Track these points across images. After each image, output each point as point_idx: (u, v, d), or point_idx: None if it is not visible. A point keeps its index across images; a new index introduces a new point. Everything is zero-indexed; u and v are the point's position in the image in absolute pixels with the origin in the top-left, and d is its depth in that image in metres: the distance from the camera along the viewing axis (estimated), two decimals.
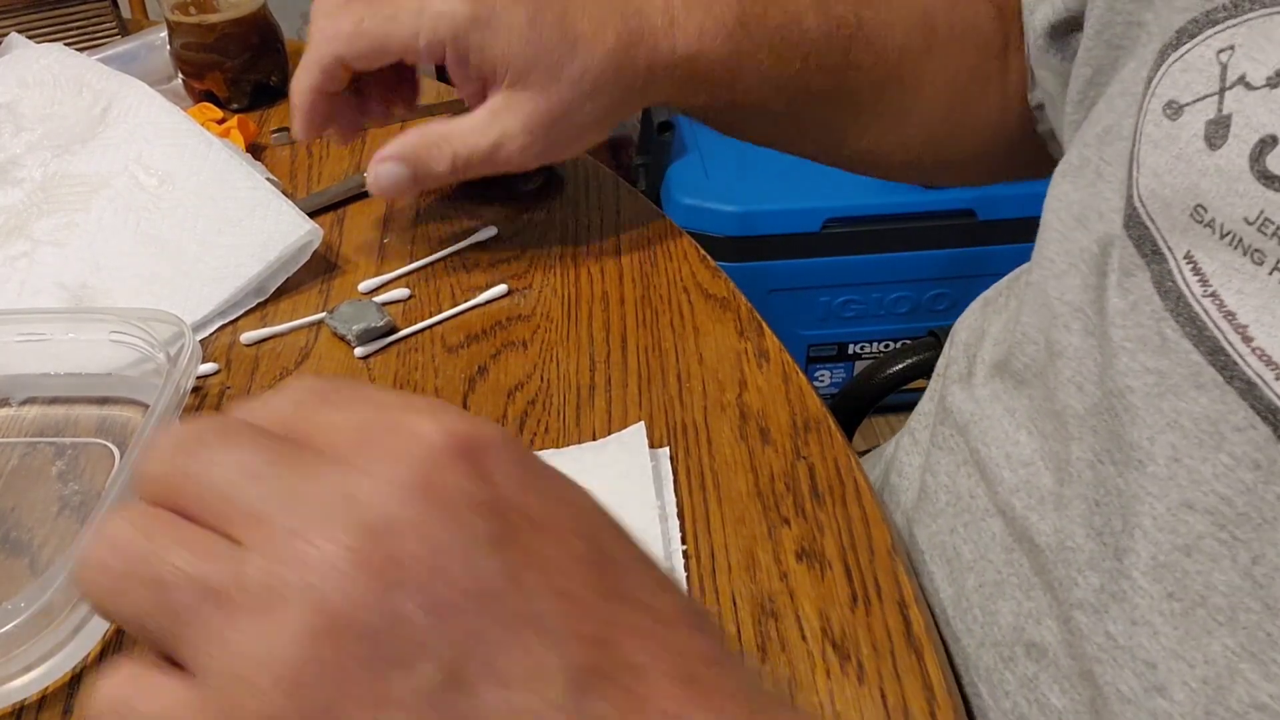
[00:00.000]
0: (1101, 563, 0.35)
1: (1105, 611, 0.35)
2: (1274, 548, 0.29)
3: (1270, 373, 0.29)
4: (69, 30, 0.73)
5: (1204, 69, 0.33)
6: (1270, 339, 0.29)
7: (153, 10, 1.04)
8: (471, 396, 0.46)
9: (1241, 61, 0.32)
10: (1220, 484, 0.31)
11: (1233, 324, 0.30)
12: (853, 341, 1.41)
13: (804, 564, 0.38)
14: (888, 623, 0.36)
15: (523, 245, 0.55)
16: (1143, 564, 0.33)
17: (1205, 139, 0.32)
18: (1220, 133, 0.31)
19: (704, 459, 0.42)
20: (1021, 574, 0.38)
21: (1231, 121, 0.31)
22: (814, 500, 0.41)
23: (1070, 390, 0.37)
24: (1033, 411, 0.39)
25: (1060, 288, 0.38)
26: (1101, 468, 0.35)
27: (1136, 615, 0.33)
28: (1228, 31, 0.33)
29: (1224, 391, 0.31)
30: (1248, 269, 0.30)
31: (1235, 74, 0.32)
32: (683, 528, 0.39)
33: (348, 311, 0.49)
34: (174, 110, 0.59)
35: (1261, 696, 0.29)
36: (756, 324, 0.49)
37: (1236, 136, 0.31)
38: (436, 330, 0.50)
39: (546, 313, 0.51)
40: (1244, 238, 0.30)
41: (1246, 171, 0.30)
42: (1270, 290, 0.30)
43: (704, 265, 0.53)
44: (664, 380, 0.46)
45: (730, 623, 0.36)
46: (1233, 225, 0.31)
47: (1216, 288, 0.31)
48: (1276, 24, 0.31)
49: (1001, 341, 0.44)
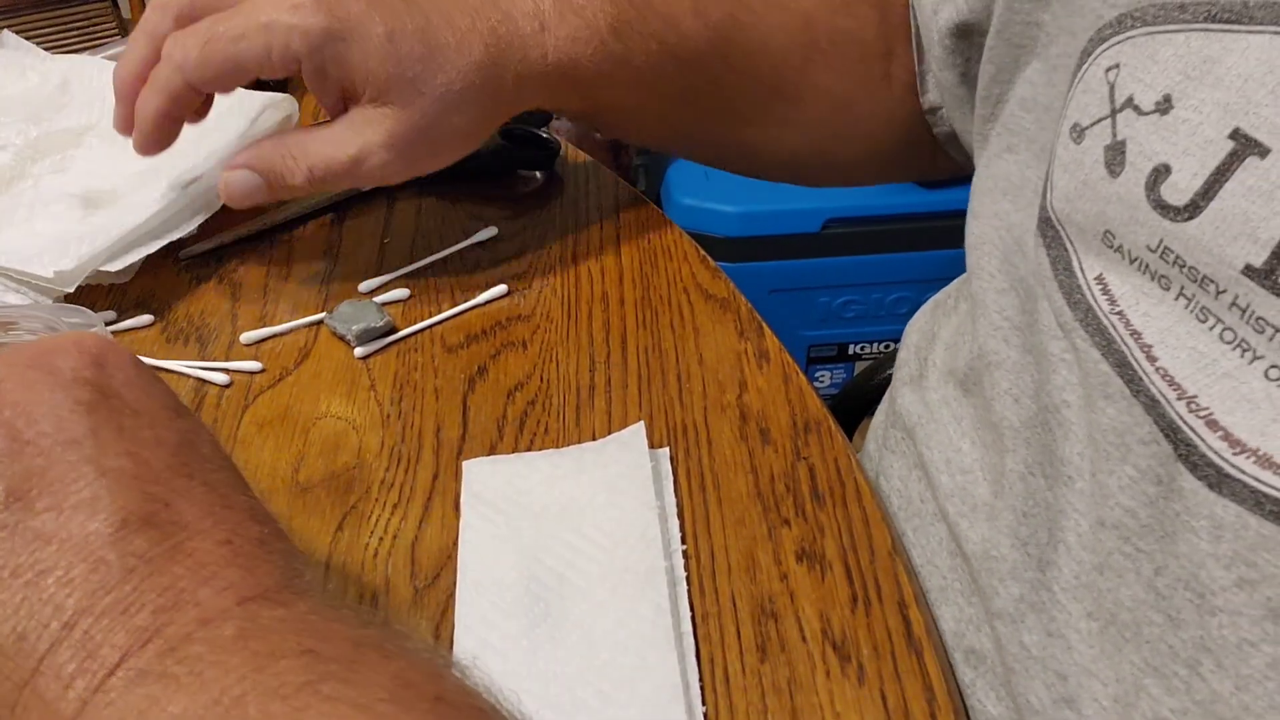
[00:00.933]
0: (1024, 573, 0.35)
1: (1022, 621, 0.35)
2: (1175, 560, 0.29)
3: (1172, 392, 0.29)
4: (69, 30, 0.73)
5: (1097, 89, 0.33)
6: (1173, 360, 0.29)
7: None
8: (471, 396, 0.46)
9: (1128, 82, 0.32)
10: (1125, 496, 0.31)
11: (1139, 342, 0.31)
12: (853, 342, 1.41)
13: (804, 565, 0.38)
14: (888, 624, 0.36)
15: (523, 245, 0.55)
16: (1064, 579, 0.33)
17: (1105, 165, 0.32)
18: (1118, 159, 0.31)
19: (704, 459, 0.42)
20: (963, 580, 0.39)
21: (1126, 148, 0.31)
22: (814, 501, 0.41)
23: (1007, 402, 0.37)
24: (976, 421, 0.40)
25: (1001, 304, 0.38)
26: (1032, 480, 0.35)
27: (1053, 628, 0.34)
28: (1114, 49, 0.33)
29: (1130, 403, 0.31)
30: (1155, 293, 0.30)
31: (1123, 95, 0.32)
32: (683, 528, 0.39)
33: (347, 311, 0.49)
34: None
35: (1163, 712, 0.29)
36: (756, 324, 0.49)
37: (1132, 165, 0.31)
38: (436, 330, 0.50)
39: (546, 313, 0.51)
40: (1149, 264, 0.30)
41: (1144, 200, 0.30)
42: (1176, 314, 0.30)
43: (704, 265, 0.53)
44: (664, 381, 0.46)
45: (730, 623, 0.36)
46: (1139, 253, 0.31)
47: (1124, 308, 0.31)
48: (1159, 43, 0.31)
49: (951, 346, 0.44)
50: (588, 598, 0.36)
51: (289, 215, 0.58)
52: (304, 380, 0.47)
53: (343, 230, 0.57)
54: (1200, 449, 0.28)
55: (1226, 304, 0.28)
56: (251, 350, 0.49)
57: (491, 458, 0.42)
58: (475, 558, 0.38)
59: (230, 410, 0.45)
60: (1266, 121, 0.27)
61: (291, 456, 0.43)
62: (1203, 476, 0.28)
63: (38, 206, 0.55)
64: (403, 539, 0.39)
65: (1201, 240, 0.28)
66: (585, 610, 0.36)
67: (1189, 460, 0.29)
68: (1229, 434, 0.28)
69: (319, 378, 0.47)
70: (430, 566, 0.38)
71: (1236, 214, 0.28)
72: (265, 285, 0.53)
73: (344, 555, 0.39)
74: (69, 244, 0.50)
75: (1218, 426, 0.28)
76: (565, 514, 0.39)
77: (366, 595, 0.37)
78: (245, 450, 0.43)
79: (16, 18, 0.70)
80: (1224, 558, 0.28)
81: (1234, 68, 0.28)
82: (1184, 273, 0.29)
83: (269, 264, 0.55)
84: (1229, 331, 0.28)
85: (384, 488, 0.42)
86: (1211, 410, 0.28)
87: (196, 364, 0.47)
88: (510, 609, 0.36)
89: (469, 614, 0.36)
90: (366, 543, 0.39)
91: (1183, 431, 0.29)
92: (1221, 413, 0.28)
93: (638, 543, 0.38)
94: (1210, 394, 0.28)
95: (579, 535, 0.38)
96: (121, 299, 0.52)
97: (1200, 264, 0.29)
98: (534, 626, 0.35)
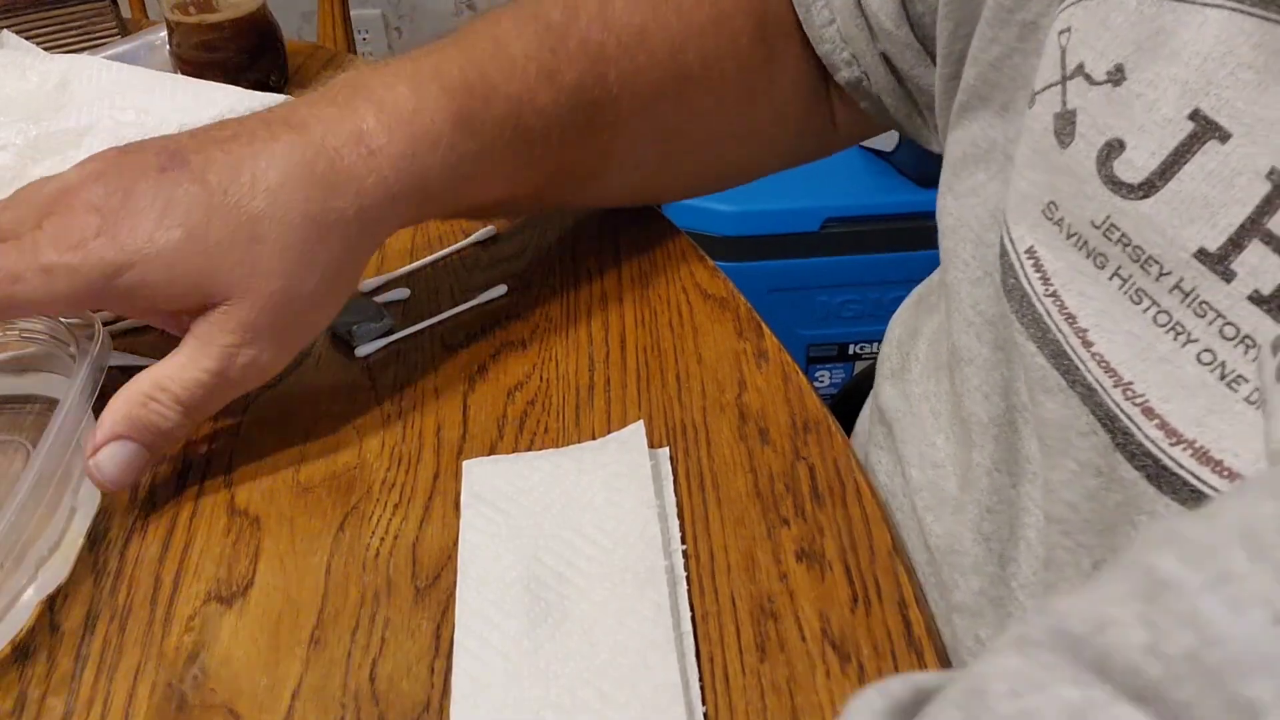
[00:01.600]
0: (985, 568, 0.35)
1: (980, 615, 0.35)
2: (1114, 554, 0.29)
3: (1109, 379, 0.29)
4: (69, 30, 0.73)
5: (1050, 52, 0.32)
6: (1109, 344, 0.29)
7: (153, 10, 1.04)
8: (471, 396, 0.46)
9: (1079, 48, 0.31)
10: (1066, 490, 0.31)
11: (1074, 327, 0.30)
12: (852, 341, 1.41)
13: (804, 564, 0.38)
14: (888, 624, 0.36)
15: (522, 245, 0.55)
16: (1022, 575, 0.33)
17: (1055, 134, 0.31)
18: (1067, 129, 0.31)
19: (703, 459, 0.42)
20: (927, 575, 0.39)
21: (1077, 119, 0.30)
22: (814, 501, 0.41)
23: (977, 399, 0.36)
24: (951, 416, 0.39)
25: (975, 296, 0.38)
26: (997, 475, 0.35)
27: (1009, 623, 0.34)
28: (1067, 11, 0.32)
29: (1068, 396, 0.30)
30: (1090, 271, 0.30)
31: (1074, 61, 0.31)
32: (682, 528, 0.39)
33: (347, 311, 0.49)
34: (135, 69, 0.63)
35: None
36: (756, 324, 0.49)
37: (1083, 136, 0.30)
38: (436, 330, 0.50)
39: (546, 313, 0.51)
40: (1089, 240, 0.30)
41: (1094, 175, 0.30)
42: (1110, 295, 0.29)
43: (703, 265, 0.53)
44: (663, 380, 0.46)
45: (730, 623, 0.36)
46: (1080, 227, 0.30)
47: (1058, 287, 0.31)
48: (1110, 8, 0.30)
49: (934, 341, 0.44)
50: (588, 597, 0.36)
51: None
52: (304, 380, 0.47)
53: None
54: (1137, 438, 0.28)
55: (1168, 287, 0.28)
56: None
57: (491, 457, 0.43)
58: (475, 557, 0.38)
59: (231, 410, 0.45)
60: (1227, 104, 0.27)
61: (292, 457, 0.43)
62: (1141, 467, 0.28)
63: None
64: (403, 539, 0.39)
65: (1154, 220, 0.28)
66: (585, 610, 0.36)
67: (1127, 449, 0.29)
68: (1165, 422, 0.28)
69: (319, 378, 0.47)
70: (431, 566, 0.38)
71: (1195, 197, 0.27)
72: None
73: (345, 555, 0.39)
74: None
75: (1154, 414, 0.28)
76: (565, 513, 0.39)
77: (367, 595, 0.37)
78: (246, 450, 0.43)
79: (16, 18, 0.70)
80: None
81: (1190, 43, 0.28)
82: (1126, 251, 0.29)
83: None
84: (1163, 314, 0.28)
85: (384, 488, 0.42)
86: (1148, 397, 0.28)
87: None
88: (510, 608, 0.36)
89: (469, 614, 0.36)
90: (367, 543, 0.39)
91: (1120, 420, 0.29)
92: (1158, 400, 0.28)
93: (637, 542, 0.38)
94: (1146, 380, 0.28)
95: (579, 535, 0.38)
96: None
97: (1148, 244, 0.28)
98: (534, 626, 0.35)
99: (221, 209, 0.38)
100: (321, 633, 0.36)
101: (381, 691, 0.34)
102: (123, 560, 0.39)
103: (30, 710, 0.34)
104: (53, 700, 0.35)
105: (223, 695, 0.34)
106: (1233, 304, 0.27)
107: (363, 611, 0.37)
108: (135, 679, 0.35)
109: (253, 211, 0.38)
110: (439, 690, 0.34)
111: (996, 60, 0.38)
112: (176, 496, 0.41)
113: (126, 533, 0.40)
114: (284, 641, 0.36)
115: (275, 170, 0.39)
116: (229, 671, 0.35)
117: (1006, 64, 0.37)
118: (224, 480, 0.42)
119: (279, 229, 0.38)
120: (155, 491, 0.42)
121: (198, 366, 0.39)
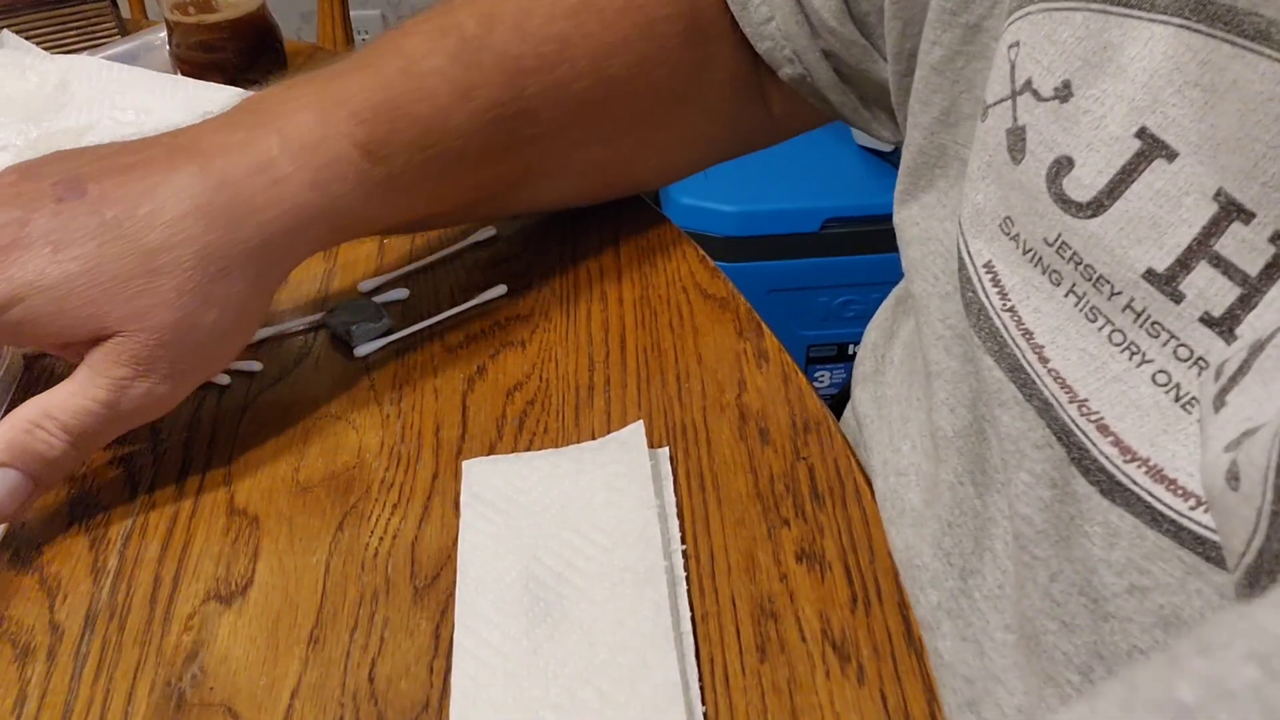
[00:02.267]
0: (944, 582, 0.35)
1: (937, 628, 0.35)
2: (1070, 564, 0.29)
3: (1064, 395, 0.29)
4: (69, 30, 0.73)
5: (1000, 65, 0.32)
6: (1064, 361, 0.29)
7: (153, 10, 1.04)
8: (470, 396, 0.46)
9: (1026, 63, 0.30)
10: (1022, 503, 0.30)
11: (1030, 343, 0.30)
12: (853, 342, 1.41)
13: (804, 565, 0.38)
14: (888, 624, 0.36)
15: (522, 245, 0.55)
16: (987, 587, 0.33)
17: (1008, 150, 0.31)
18: (1019, 145, 0.30)
19: (703, 459, 0.42)
20: None
21: (1027, 135, 0.30)
22: (814, 501, 0.41)
23: (944, 412, 0.36)
24: (920, 425, 0.39)
25: (944, 310, 0.37)
26: (961, 489, 0.35)
27: (968, 633, 0.33)
28: (1015, 25, 0.31)
29: (1024, 409, 0.30)
30: (1046, 288, 0.30)
31: (1023, 76, 0.31)
32: (682, 528, 0.39)
33: (347, 311, 0.49)
34: (134, 69, 0.63)
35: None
36: (756, 324, 0.49)
37: (1033, 154, 0.30)
38: (436, 330, 0.50)
39: (545, 313, 0.51)
40: (1044, 257, 0.30)
41: (1045, 192, 0.29)
42: (1065, 312, 0.29)
43: (703, 265, 0.53)
44: (663, 380, 0.46)
45: (730, 623, 0.36)
46: (1035, 244, 0.30)
47: (1015, 303, 0.30)
48: (1057, 22, 0.30)
49: (910, 345, 0.43)
50: (587, 597, 0.36)
51: None
52: (304, 380, 0.47)
53: None
54: (1092, 453, 0.28)
55: (1120, 306, 0.28)
56: (251, 350, 0.49)
57: (491, 457, 0.43)
58: (475, 557, 0.38)
59: (230, 410, 0.45)
60: (1174, 123, 0.27)
61: (292, 456, 0.43)
62: (1095, 481, 0.28)
63: None
64: (403, 539, 0.39)
65: (1103, 239, 0.28)
66: (585, 610, 0.36)
67: (1081, 464, 0.28)
68: (1119, 440, 0.27)
69: (319, 378, 0.47)
70: (430, 566, 0.38)
71: (1143, 216, 0.27)
72: None
73: (344, 555, 0.39)
74: None
75: (1108, 431, 0.28)
76: (565, 513, 0.39)
77: (366, 595, 0.37)
78: (245, 450, 0.43)
79: (16, 17, 0.70)
80: (1116, 564, 0.27)
81: (1137, 59, 0.27)
82: (1079, 270, 0.29)
83: None
84: (1118, 333, 0.28)
85: (384, 487, 0.42)
86: (1102, 415, 0.28)
87: None
88: (510, 608, 0.36)
89: (469, 614, 0.36)
90: (366, 542, 0.39)
91: (1075, 435, 0.28)
92: (1112, 418, 0.28)
93: (637, 542, 0.38)
94: (1101, 397, 0.28)
95: (578, 535, 0.38)
96: None
97: (1098, 263, 0.28)
98: (534, 626, 0.35)
99: (116, 243, 0.37)
100: (320, 632, 0.36)
101: (380, 691, 0.34)
102: (122, 560, 0.39)
103: (30, 709, 0.34)
104: (53, 699, 0.35)
105: (222, 694, 0.34)
106: (1184, 325, 0.26)
107: (361, 611, 0.37)
108: (135, 678, 0.35)
109: (150, 245, 0.37)
110: (438, 690, 0.34)
111: (939, 63, 0.37)
112: (176, 496, 0.41)
113: (126, 532, 0.40)
114: (283, 641, 0.36)
115: (174, 203, 0.38)
116: (228, 670, 0.35)
117: (949, 67, 0.37)
118: (223, 480, 0.42)
119: (176, 263, 0.38)
120: (155, 491, 0.42)
121: (88, 396, 0.38)
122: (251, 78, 0.69)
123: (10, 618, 0.37)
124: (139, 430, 0.44)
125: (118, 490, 0.42)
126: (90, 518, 0.41)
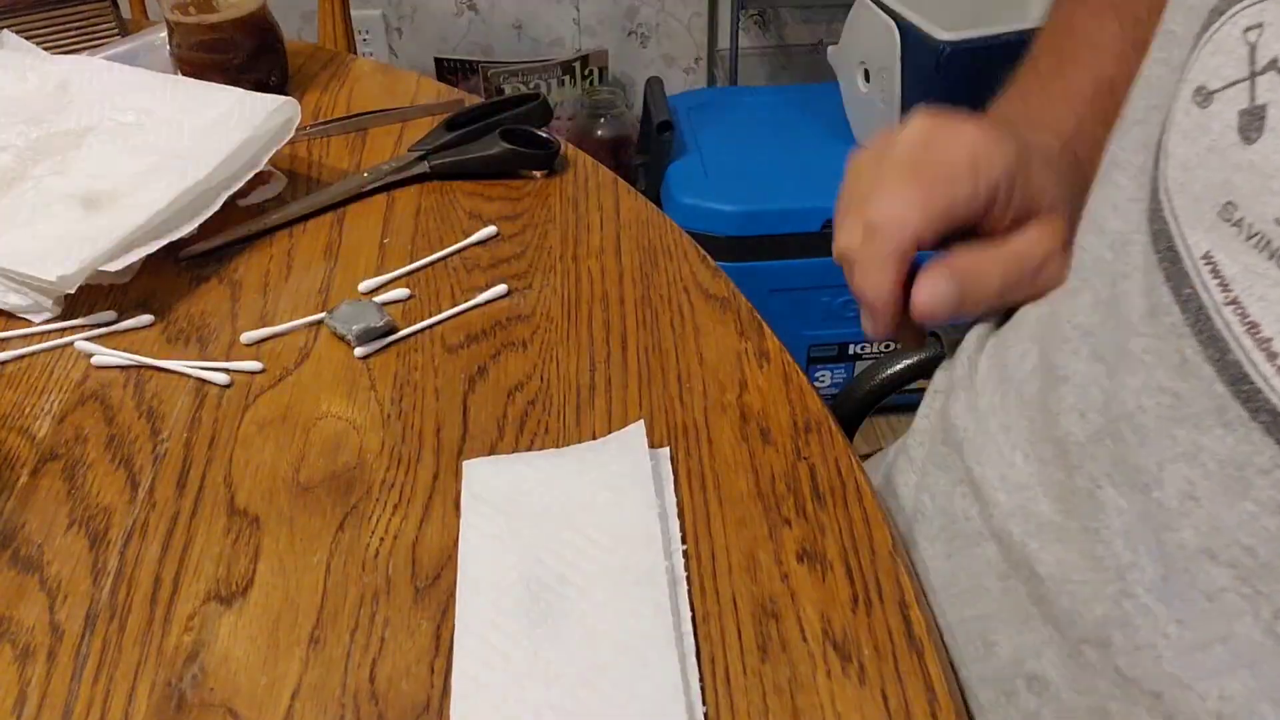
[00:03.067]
0: (1104, 590, 0.33)
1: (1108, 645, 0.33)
2: None
3: None
4: (69, 30, 0.73)
5: (1232, 50, 0.31)
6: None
7: (153, 10, 1.03)
8: (471, 396, 0.46)
9: (1272, 42, 0.30)
10: (1243, 533, 0.29)
11: (1256, 338, 0.28)
12: (853, 342, 1.41)
13: (805, 565, 0.38)
14: (889, 623, 0.36)
15: (523, 245, 0.55)
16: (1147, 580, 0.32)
17: (1239, 130, 0.30)
18: (1255, 125, 0.29)
19: (704, 459, 0.42)
20: (1018, 603, 0.37)
21: (1267, 113, 0.29)
22: (815, 501, 0.41)
23: (1073, 418, 0.35)
24: (1031, 435, 0.38)
25: (1071, 308, 0.36)
26: (1100, 492, 0.34)
27: (1140, 640, 0.32)
28: (1255, 8, 0.31)
29: (1249, 429, 0.28)
30: (1272, 274, 0.28)
31: (1266, 56, 0.30)
32: (683, 528, 0.39)
33: (347, 311, 0.49)
34: (135, 69, 0.63)
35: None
36: (757, 324, 0.49)
37: (1273, 130, 0.29)
38: (436, 330, 0.50)
39: (546, 313, 0.51)
40: (1271, 240, 0.28)
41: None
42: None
43: (704, 265, 0.53)
44: (664, 380, 0.46)
45: (731, 623, 0.36)
46: (1262, 225, 0.29)
47: (1238, 293, 0.29)
48: None
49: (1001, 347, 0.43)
50: (588, 597, 0.36)
51: (289, 215, 0.58)
52: (304, 380, 0.47)
53: (343, 230, 0.57)
54: None
55: None
56: (252, 350, 0.49)
57: (492, 458, 0.42)
58: (475, 558, 0.38)
59: (231, 410, 0.45)
60: None
61: (292, 456, 0.43)
62: None
63: (39, 208, 0.55)
64: (403, 539, 0.39)
65: None
66: (586, 610, 0.36)
67: None
68: None
69: (319, 378, 0.47)
70: (431, 566, 0.38)
71: None
72: (265, 285, 0.53)
73: (345, 555, 0.39)
74: (71, 246, 0.50)
75: None
76: (565, 514, 0.39)
77: (367, 595, 0.37)
78: (246, 450, 0.43)
79: (16, 18, 0.70)
80: None
81: None
82: None
83: (269, 264, 0.55)
84: None
85: (384, 488, 0.42)
86: None
87: (197, 364, 0.47)
88: (511, 609, 0.36)
89: (469, 614, 0.36)
90: (367, 543, 0.39)
91: None
92: None
93: (638, 542, 0.38)
94: None
95: (579, 535, 0.38)
96: (122, 299, 0.52)
97: None
98: (534, 626, 0.35)
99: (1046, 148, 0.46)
100: (321, 632, 0.36)
101: (381, 691, 0.34)
102: (122, 560, 0.39)
103: (30, 710, 0.34)
104: (53, 700, 0.34)
105: (222, 694, 0.34)
106: None
107: (362, 611, 0.37)
108: (135, 678, 0.35)
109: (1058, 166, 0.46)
110: (439, 690, 0.34)
111: None
112: (176, 496, 0.41)
113: (126, 533, 0.40)
114: (283, 641, 0.36)
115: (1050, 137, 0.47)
116: (228, 671, 0.35)
117: None
118: (224, 480, 0.42)
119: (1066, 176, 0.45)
120: (155, 491, 0.42)
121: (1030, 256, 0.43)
122: (252, 78, 0.69)
123: (10, 618, 0.37)
124: (139, 430, 0.44)
125: (118, 490, 0.42)
126: (90, 518, 0.41)
